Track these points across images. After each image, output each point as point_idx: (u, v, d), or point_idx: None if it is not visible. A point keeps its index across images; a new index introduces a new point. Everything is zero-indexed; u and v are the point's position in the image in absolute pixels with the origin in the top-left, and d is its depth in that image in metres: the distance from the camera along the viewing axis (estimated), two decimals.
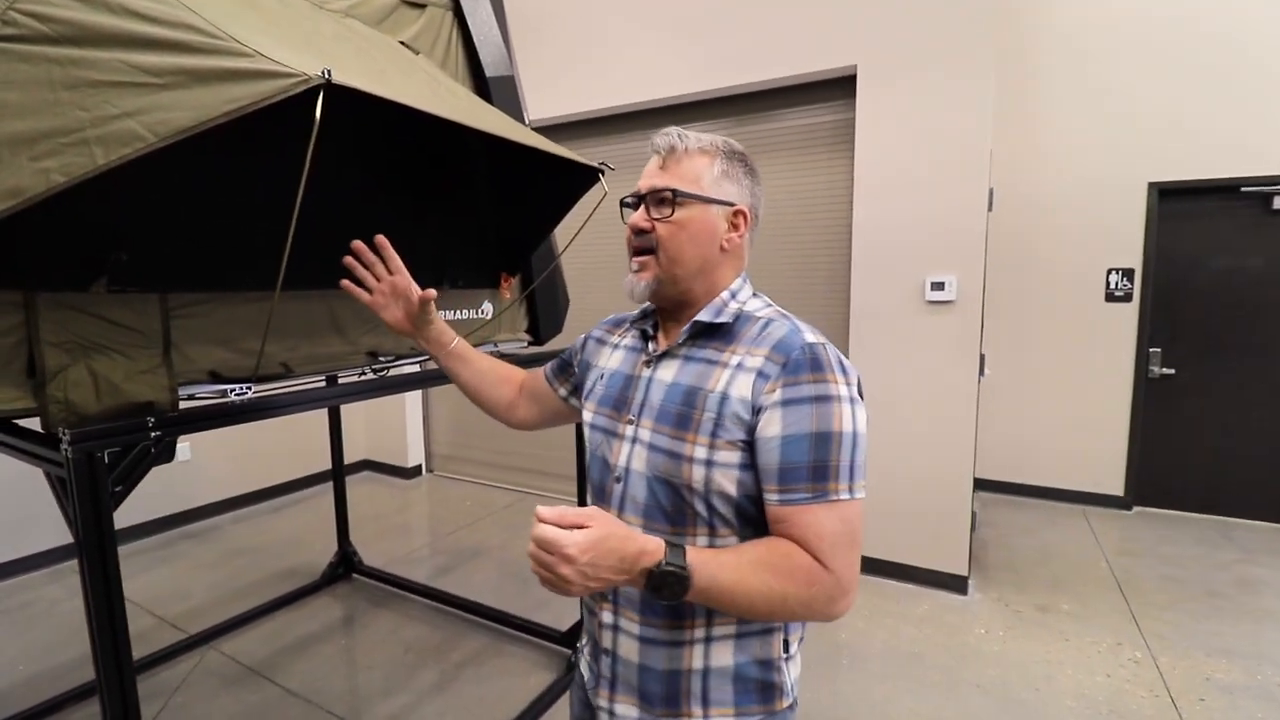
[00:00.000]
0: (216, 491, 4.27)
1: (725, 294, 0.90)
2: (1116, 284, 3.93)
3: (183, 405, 1.26)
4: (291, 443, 4.53)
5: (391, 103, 1.02)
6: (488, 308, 2.01)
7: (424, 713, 2.29)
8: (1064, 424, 4.12)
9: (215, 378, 1.33)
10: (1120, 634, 2.66)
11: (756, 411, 0.79)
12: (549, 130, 4.16)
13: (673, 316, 0.93)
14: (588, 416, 0.97)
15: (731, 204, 0.89)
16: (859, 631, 2.71)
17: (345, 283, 1.07)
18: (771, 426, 0.77)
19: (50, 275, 1.07)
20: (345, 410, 3.51)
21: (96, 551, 1.08)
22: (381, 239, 1.06)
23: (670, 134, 0.88)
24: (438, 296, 1.07)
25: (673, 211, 0.86)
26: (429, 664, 2.58)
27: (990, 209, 2.78)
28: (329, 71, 0.83)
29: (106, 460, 1.11)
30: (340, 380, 2.00)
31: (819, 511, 0.75)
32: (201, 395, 1.32)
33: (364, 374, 1.66)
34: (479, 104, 1.51)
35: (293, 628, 2.88)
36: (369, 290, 1.08)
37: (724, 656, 0.86)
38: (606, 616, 0.90)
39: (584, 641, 1.02)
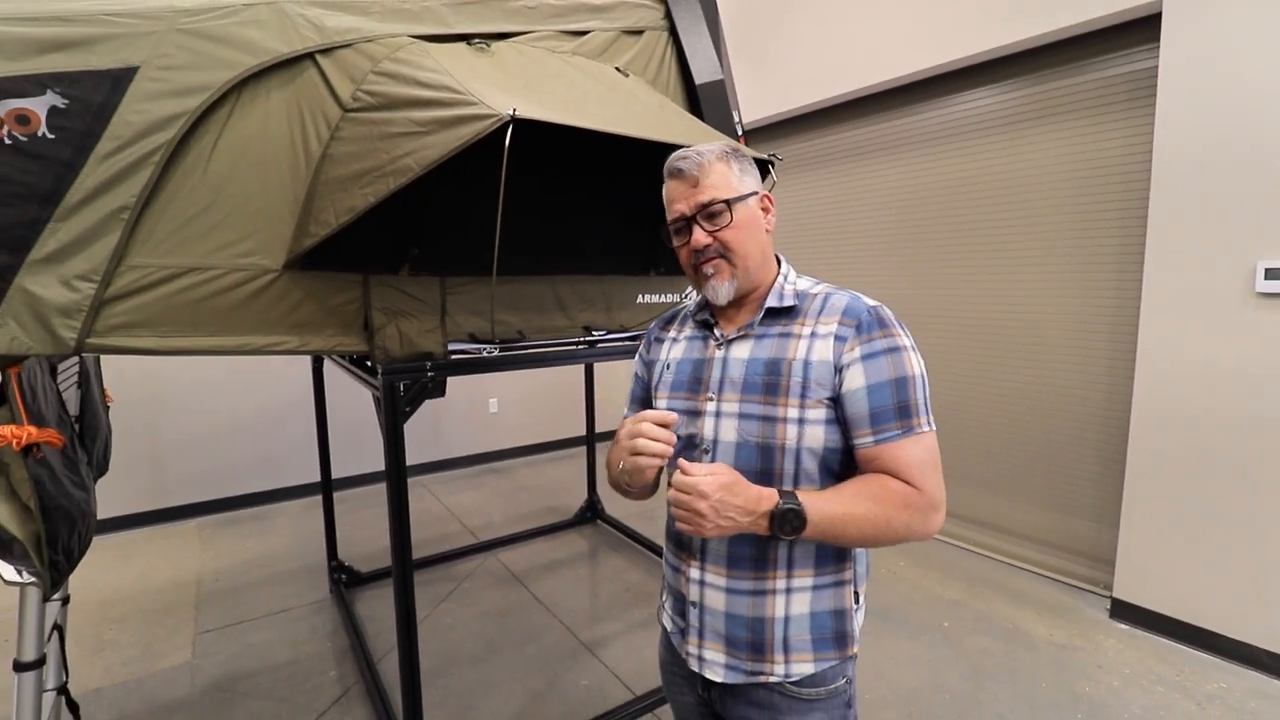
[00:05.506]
0: (513, 439, 5.39)
1: (780, 279, 1.01)
2: None
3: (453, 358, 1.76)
4: (566, 406, 5.44)
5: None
6: (692, 292, 2.24)
7: (629, 640, 2.66)
8: None
9: (473, 339, 1.80)
10: None
11: (839, 370, 0.90)
12: (783, 125, 4.19)
13: (731, 304, 1.01)
14: (661, 405, 1.04)
15: (757, 193, 0.99)
16: (1112, 690, 2.26)
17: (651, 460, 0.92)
18: (856, 380, 0.89)
19: (376, 263, 1.62)
20: (605, 384, 4.13)
21: (392, 447, 1.61)
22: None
23: (688, 155, 0.96)
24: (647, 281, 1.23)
25: (731, 218, 0.95)
26: (641, 605, 2.96)
27: None
28: (514, 110, 1.13)
29: (402, 390, 1.64)
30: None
31: (907, 444, 0.88)
32: (464, 350, 1.81)
33: (580, 345, 2.04)
34: (669, 112, 1.73)
35: (547, 553, 3.56)
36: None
37: (802, 606, 0.95)
38: (694, 573, 0.99)
39: (664, 598, 1.11)
